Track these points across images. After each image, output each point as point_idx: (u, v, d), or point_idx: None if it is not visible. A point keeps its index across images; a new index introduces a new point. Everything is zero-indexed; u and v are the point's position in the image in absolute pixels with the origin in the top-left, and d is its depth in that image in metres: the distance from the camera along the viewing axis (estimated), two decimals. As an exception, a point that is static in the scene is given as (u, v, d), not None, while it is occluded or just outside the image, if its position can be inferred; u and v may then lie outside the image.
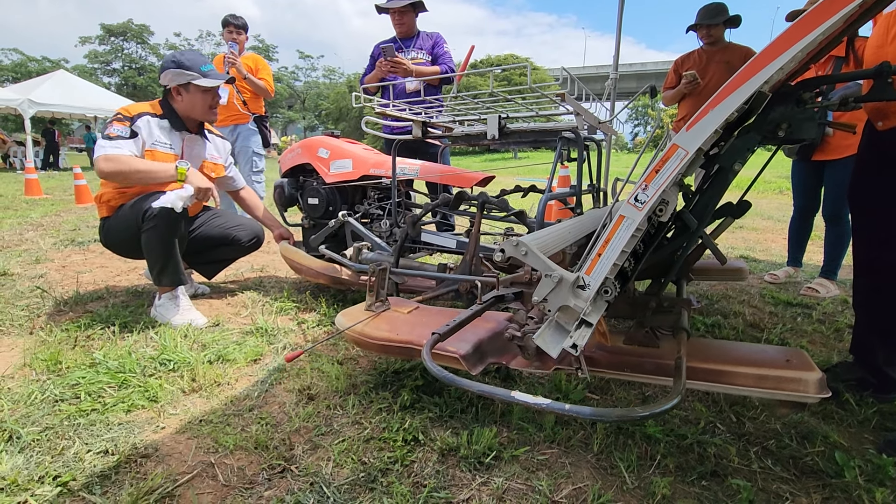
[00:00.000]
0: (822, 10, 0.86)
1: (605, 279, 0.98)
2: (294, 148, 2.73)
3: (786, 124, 1.10)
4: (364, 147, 2.68)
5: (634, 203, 0.97)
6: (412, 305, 1.64)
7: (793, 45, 0.88)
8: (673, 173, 0.94)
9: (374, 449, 1.27)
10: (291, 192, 2.71)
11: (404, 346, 1.35)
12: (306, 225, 2.74)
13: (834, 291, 2.79)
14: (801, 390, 1.06)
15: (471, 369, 1.23)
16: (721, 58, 3.29)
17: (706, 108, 0.94)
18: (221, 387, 1.58)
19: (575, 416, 0.86)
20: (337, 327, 1.49)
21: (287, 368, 1.71)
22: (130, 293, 2.52)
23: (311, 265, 2.40)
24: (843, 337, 2.13)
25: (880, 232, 1.50)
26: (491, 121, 1.85)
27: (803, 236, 3.15)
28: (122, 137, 2.04)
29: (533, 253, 0.98)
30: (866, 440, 1.38)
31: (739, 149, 1.13)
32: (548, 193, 1.70)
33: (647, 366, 1.20)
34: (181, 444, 1.27)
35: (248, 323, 2.14)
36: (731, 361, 1.16)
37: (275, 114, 43.54)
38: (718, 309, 2.48)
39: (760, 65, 0.91)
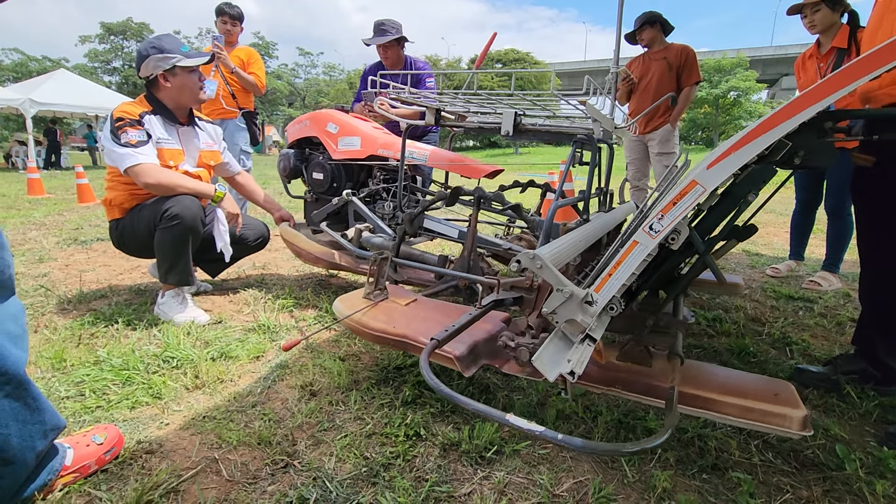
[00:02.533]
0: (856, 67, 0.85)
1: (612, 297, 1.03)
2: (302, 119, 2.66)
3: (802, 152, 1.10)
4: (374, 125, 2.61)
5: (649, 231, 1.01)
6: (410, 297, 1.65)
7: (823, 98, 0.87)
8: (688, 208, 0.98)
9: (377, 444, 1.28)
10: (297, 164, 2.65)
11: (400, 340, 1.37)
12: (309, 199, 2.69)
13: (836, 285, 2.78)
14: (786, 426, 1.09)
15: (464, 371, 1.25)
16: (659, 56, 3.56)
17: (729, 149, 0.95)
18: (224, 383, 1.60)
19: (567, 446, 0.88)
20: (335, 314, 1.50)
21: (289, 365, 1.72)
22: (133, 291, 2.54)
23: (311, 249, 2.38)
24: (846, 330, 2.13)
25: (883, 223, 1.50)
26: (507, 116, 1.82)
27: (805, 230, 3.14)
28: (143, 142, 2.02)
29: (548, 267, 1.02)
30: (867, 433, 1.38)
31: (755, 179, 1.14)
32: (558, 200, 1.69)
33: (638, 385, 1.23)
34: (185, 440, 1.28)
35: (250, 320, 2.15)
36: (720, 390, 1.18)
37: (275, 111, 43.52)
38: (720, 303, 2.48)
39: (789, 114, 0.90)
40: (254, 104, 4.18)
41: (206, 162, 2.35)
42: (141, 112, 2.09)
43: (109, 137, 2.01)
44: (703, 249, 1.19)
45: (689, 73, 3.50)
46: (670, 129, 3.61)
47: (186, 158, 2.23)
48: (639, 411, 1.43)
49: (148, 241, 2.09)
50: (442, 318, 1.42)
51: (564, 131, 1.79)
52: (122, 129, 2.00)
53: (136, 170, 1.97)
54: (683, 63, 3.49)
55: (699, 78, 3.54)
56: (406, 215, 2.00)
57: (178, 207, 2.00)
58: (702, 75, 3.74)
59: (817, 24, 2.65)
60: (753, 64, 30.06)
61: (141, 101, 2.16)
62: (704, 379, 1.25)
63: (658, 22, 3.51)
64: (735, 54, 29.91)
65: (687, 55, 3.49)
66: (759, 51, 36.00)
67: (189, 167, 2.23)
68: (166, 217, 2.00)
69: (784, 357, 1.87)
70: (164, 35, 2.17)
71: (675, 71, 3.51)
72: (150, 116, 2.11)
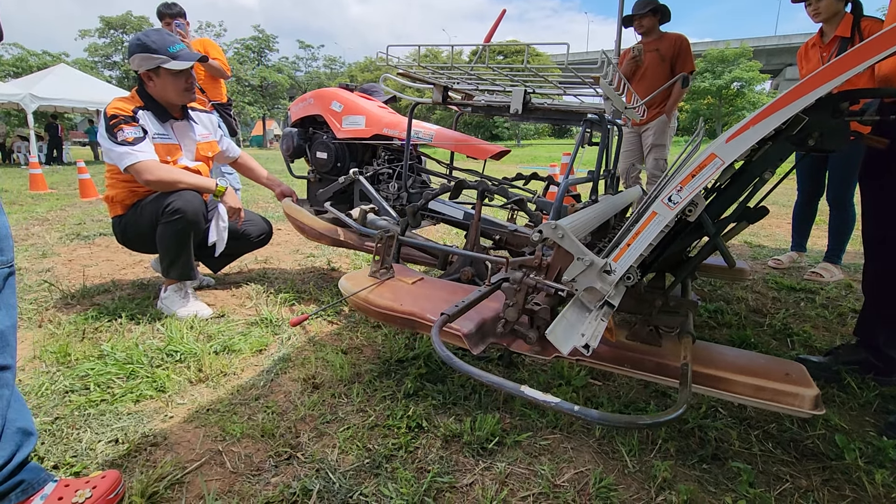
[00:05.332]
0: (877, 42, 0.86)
1: (630, 267, 1.04)
2: (306, 97, 2.62)
3: (817, 133, 1.10)
4: (379, 104, 2.57)
5: (668, 202, 1.03)
6: (416, 276, 1.63)
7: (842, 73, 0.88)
8: (707, 179, 1.00)
9: (379, 436, 1.29)
10: (300, 143, 2.61)
11: (407, 318, 1.35)
12: (312, 179, 2.66)
13: (838, 276, 2.78)
14: (797, 405, 1.08)
15: (472, 348, 1.23)
16: (652, 47, 3.51)
17: (748, 123, 0.97)
18: (227, 377, 1.61)
19: (583, 418, 0.87)
20: (341, 291, 1.48)
21: (292, 358, 1.73)
22: (136, 286, 2.55)
23: (314, 225, 2.35)
24: (847, 321, 2.13)
25: (887, 213, 1.50)
26: (516, 94, 1.77)
27: (808, 221, 3.13)
28: (140, 139, 2.01)
29: (569, 237, 1.04)
30: (867, 423, 1.38)
31: (772, 157, 1.14)
32: (568, 177, 1.67)
33: (648, 364, 1.22)
34: (189, 433, 1.30)
35: (252, 314, 2.16)
36: (732, 369, 1.18)
37: (276, 105, 43.33)
38: (721, 295, 2.48)
39: (807, 89, 0.92)
40: (226, 95, 4.07)
41: (204, 154, 2.34)
42: (134, 108, 2.06)
43: (106, 136, 1.99)
44: (713, 231, 1.19)
45: (683, 62, 3.47)
46: (665, 121, 3.59)
47: (184, 153, 2.22)
48: (640, 402, 1.44)
49: (151, 236, 2.09)
50: (449, 296, 1.41)
51: (576, 110, 1.76)
52: (117, 127, 1.98)
53: (137, 168, 1.97)
54: (677, 53, 3.46)
55: (693, 67, 3.51)
56: (410, 207, 2.00)
57: (179, 202, 2.00)
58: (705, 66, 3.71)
59: (822, 12, 2.63)
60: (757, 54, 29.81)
61: (133, 96, 2.14)
62: (716, 358, 1.24)
63: (658, 11, 3.48)
64: (738, 44, 29.65)
65: (680, 45, 3.45)
66: (763, 41, 35.66)
67: (187, 162, 2.23)
68: (168, 212, 2.00)
69: (785, 348, 1.87)
70: (154, 31, 2.12)
71: (669, 61, 3.47)
72: (143, 112, 2.09)
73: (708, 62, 28.48)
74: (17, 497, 0.93)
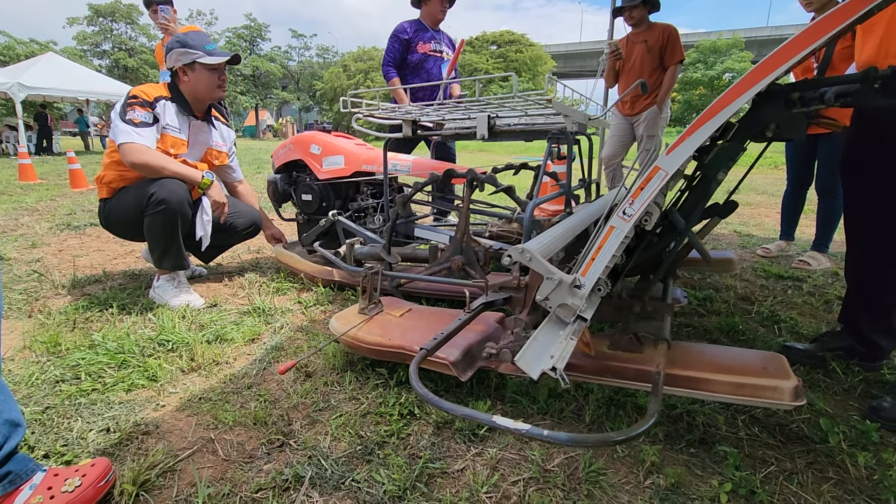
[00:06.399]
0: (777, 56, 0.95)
1: (598, 279, 1.10)
2: (286, 144, 2.74)
3: (774, 125, 1.14)
4: (356, 142, 2.68)
5: (623, 215, 1.09)
6: (405, 307, 1.71)
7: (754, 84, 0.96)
8: (655, 191, 1.06)
9: (371, 423, 1.30)
10: (285, 188, 2.73)
11: (396, 351, 1.43)
12: (301, 220, 2.75)
13: (825, 264, 2.81)
14: (777, 398, 1.12)
15: (460, 375, 1.29)
16: (640, 39, 3.51)
17: (684, 134, 1.04)
18: (220, 366, 1.61)
19: (553, 442, 0.91)
20: (331, 332, 1.56)
21: (284, 347, 1.73)
22: (128, 276, 2.53)
23: (306, 269, 2.43)
24: (833, 308, 2.16)
25: (870, 201, 1.52)
26: (480, 120, 1.86)
27: (796, 210, 3.16)
28: (146, 124, 2.01)
29: (536, 259, 1.09)
30: (851, 407, 1.41)
31: (723, 158, 1.20)
32: (535, 199, 1.71)
33: (629, 372, 1.26)
34: (181, 422, 1.30)
35: (245, 303, 2.16)
36: (710, 368, 1.21)
37: (269, 95, 42.83)
38: (711, 283, 2.50)
39: (731, 98, 0.99)
40: None
41: (211, 160, 2.35)
42: (157, 96, 2.08)
43: (118, 111, 2.01)
44: (682, 227, 1.24)
45: (671, 52, 3.46)
46: (657, 111, 3.59)
47: (189, 150, 2.21)
48: (627, 392, 1.46)
49: (133, 223, 2.08)
50: (436, 325, 1.46)
51: (538, 129, 1.80)
52: (130, 107, 2.00)
53: (126, 147, 1.96)
54: (666, 43, 3.45)
55: (682, 57, 3.50)
56: (400, 197, 2.01)
57: (163, 192, 1.98)
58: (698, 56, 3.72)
59: (814, 2, 2.63)
60: (749, 45, 29.76)
61: (164, 86, 2.17)
62: (694, 359, 1.28)
63: (648, 2, 3.46)
64: (731, 35, 29.60)
65: (669, 35, 3.44)
66: (755, 31, 35.59)
67: (190, 159, 2.21)
68: (152, 202, 1.98)
69: (772, 335, 1.89)
70: (194, 32, 2.24)
71: (658, 52, 3.47)
72: (166, 102, 2.10)
73: (700, 53, 28.39)
74: (4, 488, 0.94)
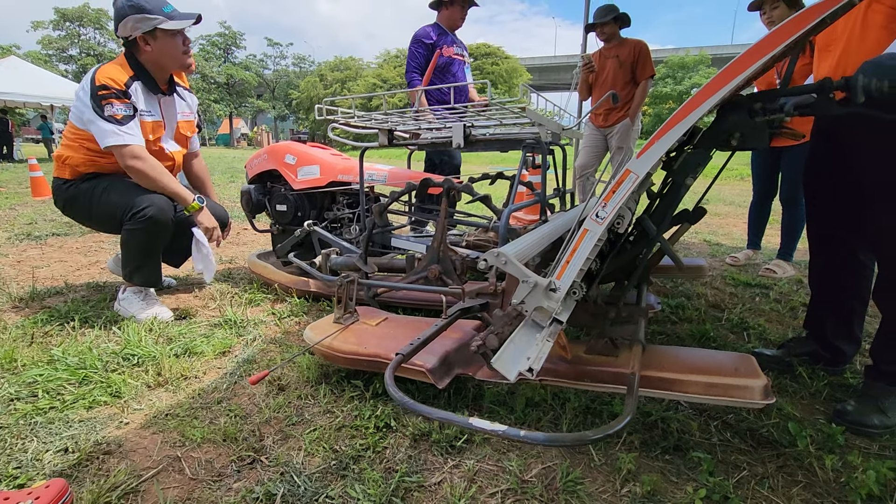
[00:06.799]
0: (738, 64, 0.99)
1: (573, 282, 1.10)
2: (260, 154, 2.70)
3: (738, 133, 1.18)
4: (332, 152, 2.66)
5: (596, 218, 1.10)
6: (381, 316, 1.69)
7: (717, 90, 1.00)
8: (627, 194, 1.08)
9: (346, 437, 1.27)
10: (259, 198, 2.68)
11: (372, 360, 1.41)
12: (275, 231, 2.71)
13: (790, 272, 2.91)
14: (748, 397, 1.15)
15: (437, 382, 1.29)
16: (612, 53, 3.62)
17: (653, 139, 1.07)
18: (188, 380, 1.55)
19: (530, 442, 0.91)
20: (305, 342, 1.52)
21: (257, 360, 1.68)
22: (91, 287, 2.43)
23: (280, 279, 2.39)
24: (798, 315, 2.23)
25: (829, 211, 1.58)
26: (456, 129, 1.86)
27: (762, 220, 3.27)
28: (129, 118, 1.86)
29: (512, 262, 1.09)
30: (818, 411, 1.45)
31: (690, 164, 1.24)
32: (511, 206, 1.73)
33: (606, 376, 1.28)
34: (146, 440, 1.24)
35: (216, 315, 2.09)
36: (683, 369, 1.24)
37: (243, 103, 42.20)
38: (683, 291, 2.56)
39: (695, 104, 1.02)
40: None
41: (184, 133, 2.23)
42: (127, 80, 1.90)
43: (90, 105, 1.85)
44: (654, 233, 1.27)
45: (642, 67, 3.57)
46: (629, 124, 3.70)
47: (167, 131, 2.10)
48: (605, 396, 1.46)
49: (102, 223, 1.99)
50: (413, 334, 1.45)
51: (513, 138, 1.82)
52: (106, 100, 1.84)
53: (124, 151, 1.85)
54: (637, 58, 3.55)
55: (653, 72, 3.61)
56: (376, 207, 1.99)
57: (153, 209, 1.90)
58: (667, 71, 3.84)
59: (776, 20, 2.75)
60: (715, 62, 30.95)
61: (123, 63, 1.95)
62: (668, 361, 1.30)
63: (619, 18, 3.56)
64: (698, 52, 30.76)
65: (640, 50, 3.55)
66: (721, 49, 37.04)
67: (169, 140, 2.10)
68: (139, 218, 1.89)
69: (742, 341, 1.94)
70: None
71: (630, 66, 3.57)
72: (135, 84, 1.93)
73: (669, 68, 29.42)
74: None
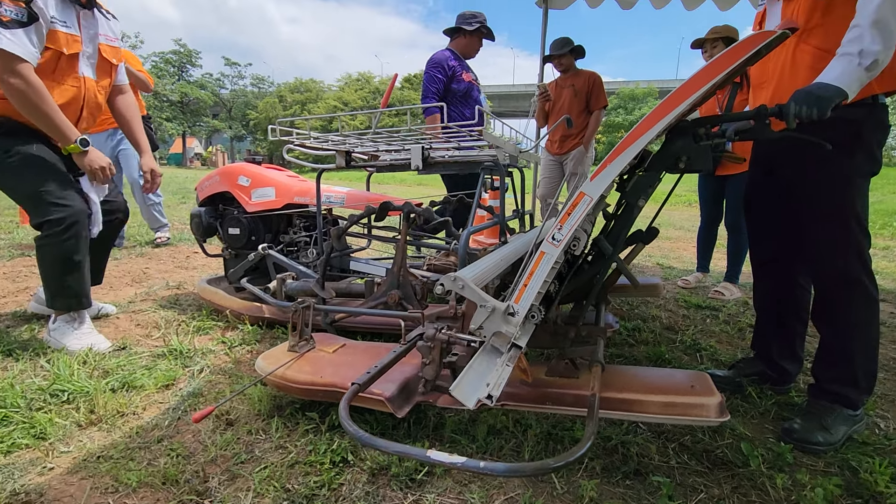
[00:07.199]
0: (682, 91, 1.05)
1: (532, 305, 1.10)
2: (212, 175, 2.60)
3: (685, 156, 1.24)
4: (288, 174, 2.60)
5: (552, 241, 1.11)
6: (338, 343, 1.64)
7: (664, 116, 1.05)
8: (582, 216, 1.10)
9: (300, 474, 1.20)
10: (210, 221, 2.56)
11: (328, 389, 1.35)
12: (227, 256, 2.59)
13: (737, 294, 3.06)
14: (704, 415, 1.18)
15: (397, 412, 1.24)
16: (567, 83, 3.78)
17: (606, 161, 1.10)
18: (126, 417, 1.43)
19: (491, 474, 0.89)
20: (257, 372, 1.44)
21: (203, 393, 1.58)
22: (17, 317, 2.23)
23: (233, 305, 2.28)
24: (745, 336, 2.33)
25: (768, 237, 1.67)
26: (415, 151, 1.85)
27: (709, 244, 3.44)
28: (19, 24, 1.59)
29: (469, 286, 1.07)
30: (767, 430, 1.50)
31: (642, 186, 1.29)
32: (470, 227, 1.73)
33: (568, 398, 1.27)
34: (73, 486, 1.12)
35: (160, 345, 1.96)
36: (641, 389, 1.26)
37: (198, 122, 41.05)
38: (638, 314, 2.62)
39: (644, 128, 1.07)
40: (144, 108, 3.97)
41: (108, 59, 1.97)
42: None
43: None
44: (610, 252, 1.30)
45: (596, 98, 3.75)
46: (583, 151, 3.84)
47: (84, 49, 1.85)
48: (567, 422, 1.46)
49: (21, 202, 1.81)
50: (372, 360, 1.40)
51: (472, 160, 1.84)
52: None
53: (4, 58, 1.59)
54: (591, 89, 3.72)
55: (605, 102, 3.79)
56: (334, 230, 1.95)
57: (70, 215, 1.74)
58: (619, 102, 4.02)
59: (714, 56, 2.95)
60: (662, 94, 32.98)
61: None
62: (626, 381, 1.32)
63: (574, 50, 3.73)
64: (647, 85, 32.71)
65: (594, 82, 3.73)
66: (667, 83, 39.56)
67: (85, 62, 1.86)
68: (55, 229, 1.73)
69: (696, 362, 2.00)
70: None
71: (584, 96, 3.73)
72: None
73: (621, 99, 31.13)
74: None
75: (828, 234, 1.42)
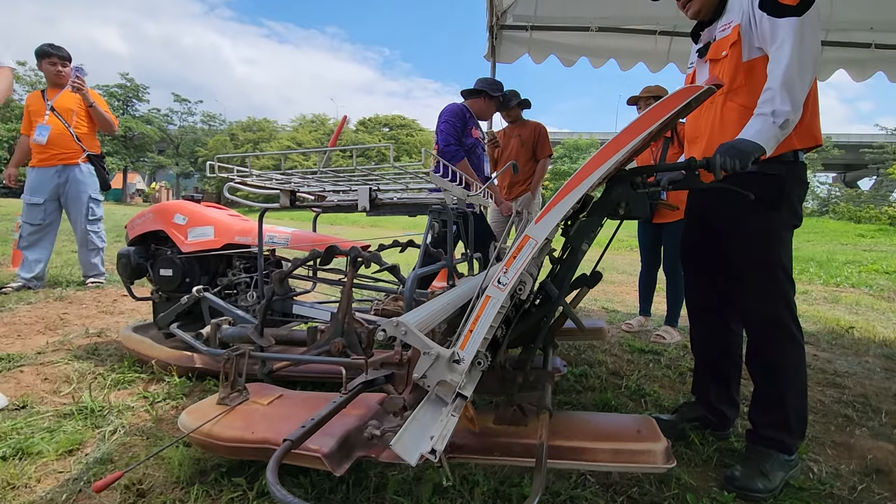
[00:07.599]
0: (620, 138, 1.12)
1: (478, 352, 1.06)
2: (144, 213, 2.46)
3: (624, 203, 1.29)
4: (230, 213, 2.50)
5: (498, 285, 1.09)
6: (275, 394, 1.51)
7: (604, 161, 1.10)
8: (527, 259, 1.09)
9: (219, 552, 1.06)
10: (139, 261, 2.39)
11: (260, 447, 1.21)
12: (157, 299, 2.40)
13: (676, 337, 3.16)
14: (651, 461, 1.17)
15: (335, 469, 1.13)
16: (515, 133, 3.99)
17: (549, 205, 1.12)
18: (16, 491, 1.24)
19: None
20: (180, 430, 1.30)
21: (114, 459, 1.40)
22: None
23: (159, 354, 2.11)
24: (686, 380, 2.39)
25: (702, 284, 1.75)
26: (362, 192, 1.82)
27: (650, 288, 3.58)
28: None
29: (412, 332, 1.02)
30: (710, 478, 1.50)
31: (585, 230, 1.33)
32: (416, 271, 1.70)
33: (516, 448, 1.23)
34: (-67, 583, 0.94)
35: (68, 402, 1.75)
36: (590, 437, 1.24)
37: (142, 157, 39.38)
38: (585, 359, 2.65)
39: (586, 174, 1.11)
40: (99, 147, 3.87)
41: None
42: None
43: None
44: (556, 295, 1.30)
45: (542, 147, 3.94)
46: (530, 196, 3.98)
47: None
48: (515, 476, 1.40)
49: None
50: (311, 412, 1.30)
51: (420, 202, 1.84)
52: None
53: None
54: (536, 139, 3.92)
55: (550, 151, 4.00)
56: (276, 274, 1.86)
57: None
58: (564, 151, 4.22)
59: (648, 114, 3.17)
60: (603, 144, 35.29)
61: None
62: (574, 428, 1.29)
63: (521, 103, 3.92)
64: (589, 136, 34.94)
65: (539, 132, 3.94)
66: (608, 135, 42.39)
67: None
68: None
69: (641, 408, 2.01)
70: None
71: (531, 145, 3.92)
72: None
73: (566, 149, 33.00)
74: None
75: (757, 282, 1.50)
